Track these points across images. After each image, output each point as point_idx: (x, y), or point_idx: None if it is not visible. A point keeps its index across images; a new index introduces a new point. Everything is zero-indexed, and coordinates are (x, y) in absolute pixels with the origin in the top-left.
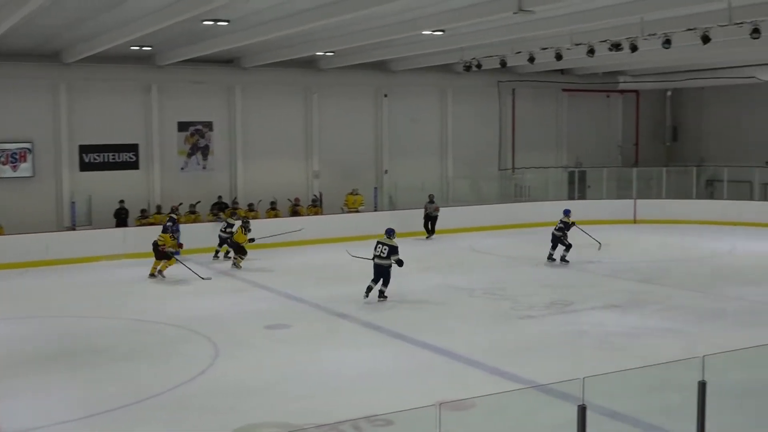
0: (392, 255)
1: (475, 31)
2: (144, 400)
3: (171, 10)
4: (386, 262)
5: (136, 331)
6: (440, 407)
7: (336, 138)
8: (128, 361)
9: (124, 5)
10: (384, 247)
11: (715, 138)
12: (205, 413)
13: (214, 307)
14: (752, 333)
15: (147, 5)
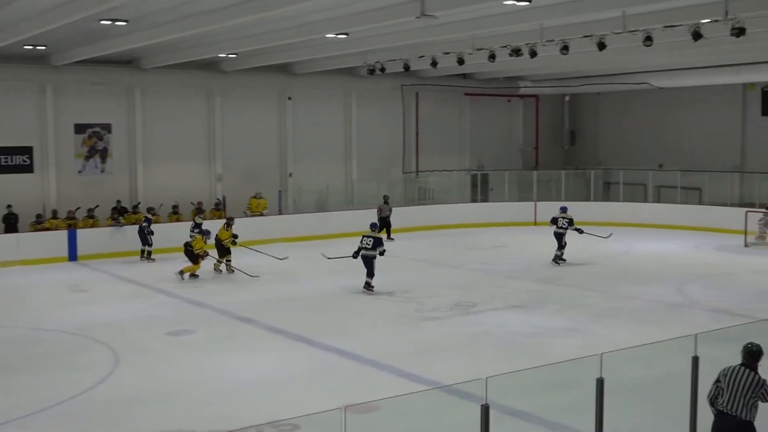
0: (377, 246)
1: (378, 35)
2: (40, 412)
3: (66, 8)
4: (371, 253)
5: (32, 340)
6: (345, 410)
7: (239, 141)
8: (23, 372)
9: (15, 3)
10: (369, 239)
11: (611, 141)
12: (106, 423)
13: (113, 313)
14: (647, 331)
15: (40, 4)
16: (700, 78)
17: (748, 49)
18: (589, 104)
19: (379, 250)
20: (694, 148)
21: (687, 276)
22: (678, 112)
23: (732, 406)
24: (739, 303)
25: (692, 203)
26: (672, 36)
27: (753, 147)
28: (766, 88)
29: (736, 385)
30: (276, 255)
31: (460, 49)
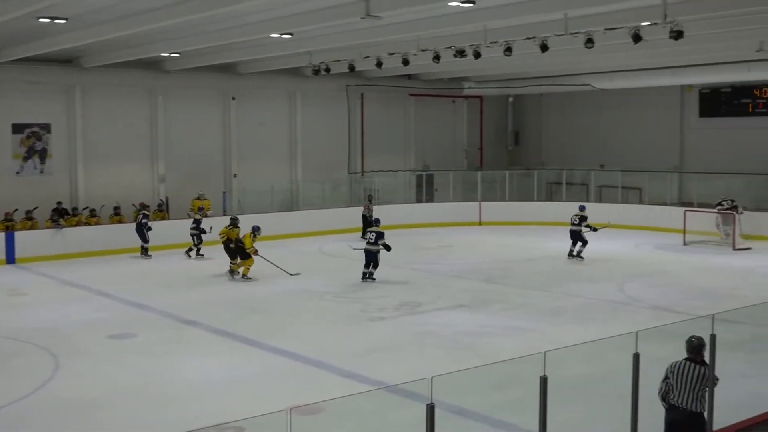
0: (379, 240)
1: (323, 35)
2: None
3: (2, 6)
4: (375, 248)
5: None
6: (290, 412)
7: (183, 141)
8: None
9: None
10: (372, 234)
11: (554, 142)
12: (45, 430)
13: (53, 317)
14: (589, 328)
15: None
16: (640, 80)
17: (686, 52)
18: (533, 105)
19: (382, 244)
20: (634, 148)
21: (628, 274)
22: (619, 113)
23: (682, 400)
24: (679, 300)
25: (633, 203)
26: (612, 38)
27: (691, 148)
28: (703, 90)
29: (685, 380)
30: (289, 270)
31: (404, 50)
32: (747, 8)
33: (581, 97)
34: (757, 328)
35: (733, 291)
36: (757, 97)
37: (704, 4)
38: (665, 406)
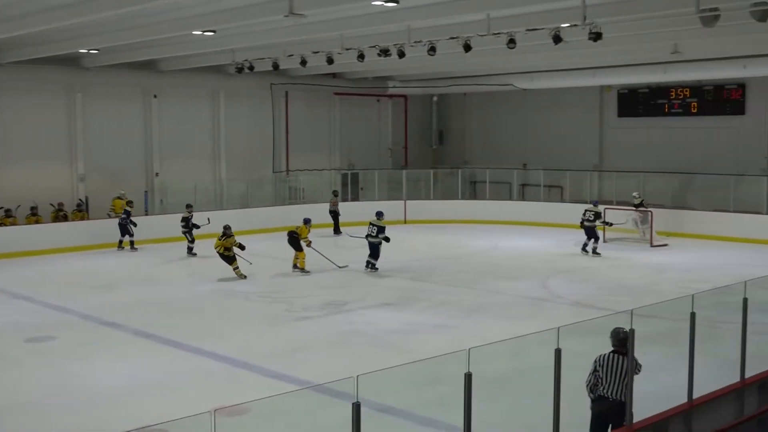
0: (380, 233)
1: (246, 33)
2: None
3: None
4: (376, 240)
5: None
6: (215, 414)
7: (103, 140)
8: None
9: None
10: (374, 228)
11: (477, 141)
12: None
13: None
14: (512, 325)
15: None
16: (560, 80)
17: (605, 53)
18: (456, 105)
19: (382, 237)
20: (555, 147)
21: (550, 271)
22: (541, 112)
23: (611, 391)
24: (599, 296)
25: (554, 201)
26: (534, 39)
27: (610, 147)
28: (621, 90)
29: (613, 371)
30: (337, 263)
31: (329, 49)
32: (662, 11)
33: (504, 97)
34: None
35: (650, 286)
36: (672, 97)
37: (622, 6)
38: (592, 397)
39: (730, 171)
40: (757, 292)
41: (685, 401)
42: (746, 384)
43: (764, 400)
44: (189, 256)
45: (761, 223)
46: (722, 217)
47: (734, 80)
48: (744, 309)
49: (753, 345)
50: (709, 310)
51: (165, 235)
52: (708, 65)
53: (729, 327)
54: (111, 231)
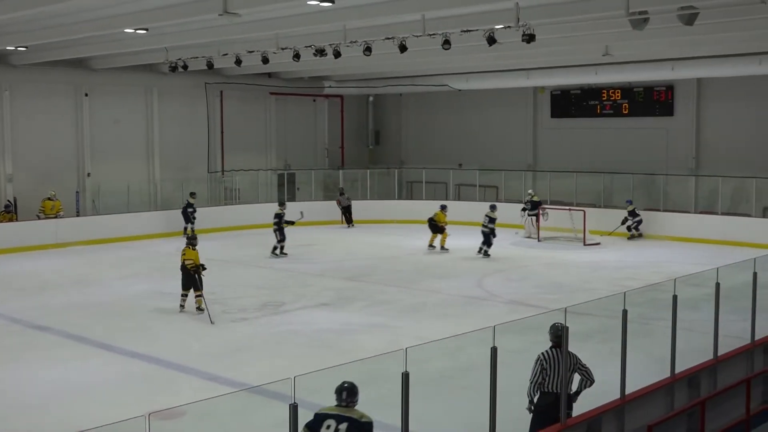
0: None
1: (180, 31)
2: None
3: None
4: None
5: None
6: (149, 417)
7: (32, 139)
8: None
9: None
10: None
11: (413, 141)
12: None
13: None
14: (449, 324)
15: None
16: (495, 81)
17: (538, 55)
18: (393, 105)
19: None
20: (490, 147)
21: (485, 270)
22: (476, 113)
23: (555, 385)
24: (533, 294)
25: (490, 200)
26: (468, 40)
27: (543, 147)
28: (555, 91)
29: (556, 366)
30: None
31: (264, 48)
32: (594, 14)
33: (440, 97)
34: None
35: (583, 284)
36: (604, 99)
37: (554, 9)
38: (531, 397)
39: (659, 171)
40: (686, 290)
41: (617, 397)
42: (676, 379)
43: (694, 394)
44: (272, 256)
45: (690, 221)
46: (652, 215)
47: (663, 82)
48: (674, 306)
49: (682, 341)
50: (641, 307)
51: (97, 237)
52: (638, 67)
53: (660, 324)
54: (41, 232)
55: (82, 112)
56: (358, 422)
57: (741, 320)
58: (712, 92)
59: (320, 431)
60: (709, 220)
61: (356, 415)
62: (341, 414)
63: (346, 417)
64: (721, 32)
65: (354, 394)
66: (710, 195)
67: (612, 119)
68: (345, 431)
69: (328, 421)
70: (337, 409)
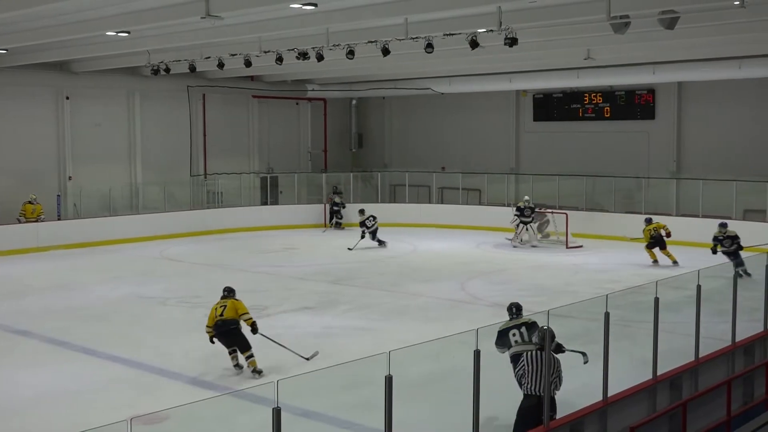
0: None
1: (162, 34)
2: None
3: None
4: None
5: None
6: (131, 422)
7: (12, 142)
8: None
9: None
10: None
11: (397, 145)
12: None
13: None
14: (432, 327)
15: None
16: (477, 85)
17: (521, 58)
18: (376, 108)
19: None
20: (473, 151)
21: (469, 273)
22: (459, 116)
23: (536, 387)
24: (516, 297)
25: (473, 203)
26: (451, 44)
27: (526, 150)
28: (537, 95)
29: (539, 368)
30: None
31: (246, 51)
32: (576, 18)
33: (423, 101)
34: (588, 322)
35: (565, 287)
36: (586, 102)
37: (537, 13)
38: (525, 392)
39: (641, 174)
40: (668, 292)
41: (600, 399)
42: (658, 381)
43: (675, 395)
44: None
45: (671, 224)
46: (634, 218)
47: (644, 86)
48: (656, 308)
49: (664, 343)
50: (623, 309)
51: (78, 240)
52: (619, 71)
53: (642, 326)
54: (21, 236)
55: (63, 115)
56: (528, 323)
57: (722, 322)
58: (692, 95)
59: (509, 342)
60: (690, 222)
61: (526, 319)
62: (518, 323)
63: (521, 323)
64: (701, 36)
65: (520, 307)
66: (691, 198)
67: (594, 122)
68: (526, 332)
69: (512, 331)
70: (512, 322)
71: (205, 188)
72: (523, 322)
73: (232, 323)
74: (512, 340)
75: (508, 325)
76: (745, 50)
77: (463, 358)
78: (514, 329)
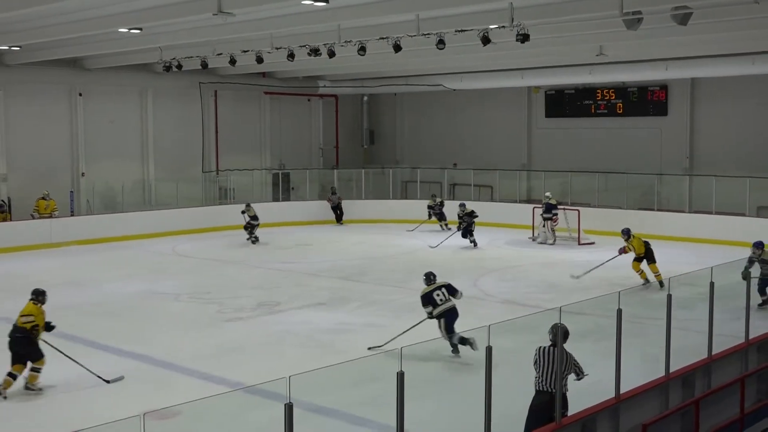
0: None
1: (174, 31)
2: None
3: None
4: None
5: None
6: (144, 417)
7: (26, 139)
8: None
9: None
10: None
11: (408, 141)
12: None
13: None
14: None
15: None
16: (489, 81)
17: (533, 55)
18: (387, 104)
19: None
20: (485, 147)
21: (481, 270)
22: (470, 113)
23: (547, 383)
24: (528, 294)
25: (484, 200)
26: (463, 40)
27: (538, 147)
28: (549, 91)
29: (549, 363)
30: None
31: (258, 48)
32: (588, 14)
33: (434, 97)
34: (600, 319)
35: (578, 284)
36: (598, 98)
37: (548, 9)
38: (537, 388)
39: (653, 171)
40: (680, 289)
41: (612, 396)
42: (671, 378)
43: (688, 393)
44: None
45: (683, 221)
46: (646, 215)
47: (657, 82)
48: (668, 305)
49: (677, 340)
50: (635, 306)
51: (91, 236)
52: (632, 67)
53: (654, 323)
54: (35, 232)
55: (76, 112)
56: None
57: (735, 319)
58: (705, 92)
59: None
60: (703, 219)
61: (443, 282)
62: (437, 286)
63: (440, 286)
64: (714, 32)
65: (435, 274)
66: (704, 195)
67: (606, 119)
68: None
69: (435, 292)
70: (432, 286)
71: (216, 184)
72: (441, 285)
73: (18, 330)
74: (437, 299)
75: (430, 289)
76: (759, 46)
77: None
78: (437, 290)
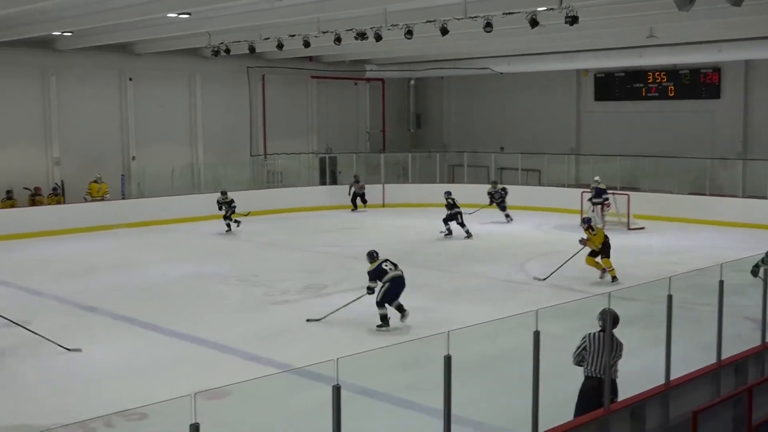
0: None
1: (222, 16)
2: None
3: None
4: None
5: None
6: (195, 397)
7: (78, 123)
8: None
9: None
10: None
11: (455, 125)
12: None
13: None
14: (490, 308)
15: None
16: (537, 64)
17: (582, 37)
18: (434, 88)
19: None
20: (533, 131)
21: (528, 254)
22: (518, 96)
23: (598, 369)
24: (576, 279)
25: (532, 184)
26: (510, 23)
27: (587, 130)
28: (598, 74)
29: (599, 349)
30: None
31: (305, 32)
32: None
33: (481, 81)
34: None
35: (627, 269)
36: (649, 81)
37: None
38: (586, 373)
39: (705, 155)
40: (732, 275)
41: (662, 383)
42: (722, 365)
43: (740, 381)
44: None
45: (736, 206)
46: (698, 200)
47: (710, 64)
48: (720, 291)
49: (729, 327)
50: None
51: (141, 219)
52: (683, 49)
53: (705, 309)
54: (88, 214)
55: (126, 97)
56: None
57: None
58: (760, 74)
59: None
60: (756, 204)
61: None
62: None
63: (385, 259)
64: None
65: (376, 252)
66: (758, 179)
67: (657, 102)
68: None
69: (383, 263)
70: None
71: (265, 168)
72: (386, 259)
73: None
74: (387, 269)
75: (377, 263)
76: None
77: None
78: (384, 262)
